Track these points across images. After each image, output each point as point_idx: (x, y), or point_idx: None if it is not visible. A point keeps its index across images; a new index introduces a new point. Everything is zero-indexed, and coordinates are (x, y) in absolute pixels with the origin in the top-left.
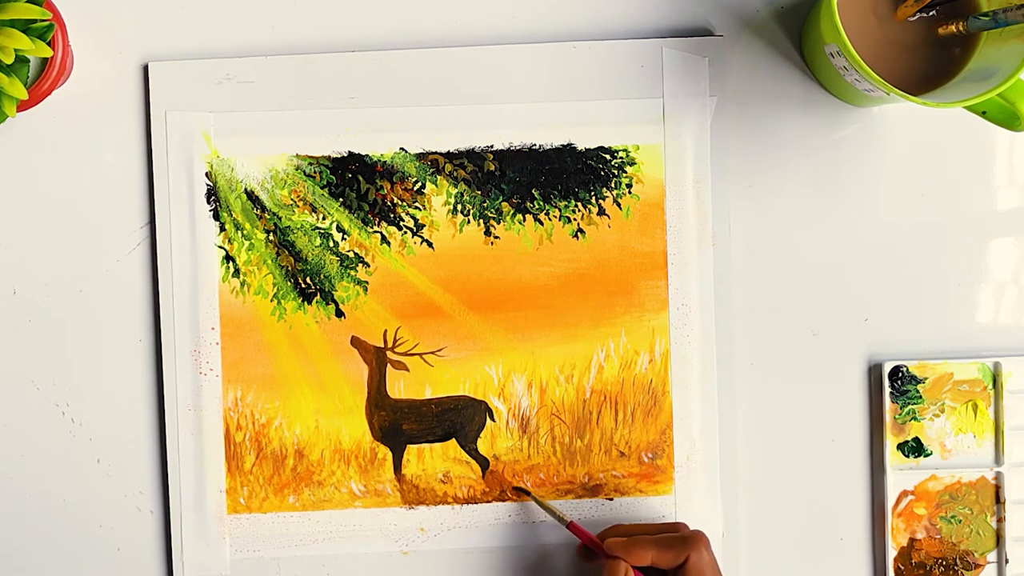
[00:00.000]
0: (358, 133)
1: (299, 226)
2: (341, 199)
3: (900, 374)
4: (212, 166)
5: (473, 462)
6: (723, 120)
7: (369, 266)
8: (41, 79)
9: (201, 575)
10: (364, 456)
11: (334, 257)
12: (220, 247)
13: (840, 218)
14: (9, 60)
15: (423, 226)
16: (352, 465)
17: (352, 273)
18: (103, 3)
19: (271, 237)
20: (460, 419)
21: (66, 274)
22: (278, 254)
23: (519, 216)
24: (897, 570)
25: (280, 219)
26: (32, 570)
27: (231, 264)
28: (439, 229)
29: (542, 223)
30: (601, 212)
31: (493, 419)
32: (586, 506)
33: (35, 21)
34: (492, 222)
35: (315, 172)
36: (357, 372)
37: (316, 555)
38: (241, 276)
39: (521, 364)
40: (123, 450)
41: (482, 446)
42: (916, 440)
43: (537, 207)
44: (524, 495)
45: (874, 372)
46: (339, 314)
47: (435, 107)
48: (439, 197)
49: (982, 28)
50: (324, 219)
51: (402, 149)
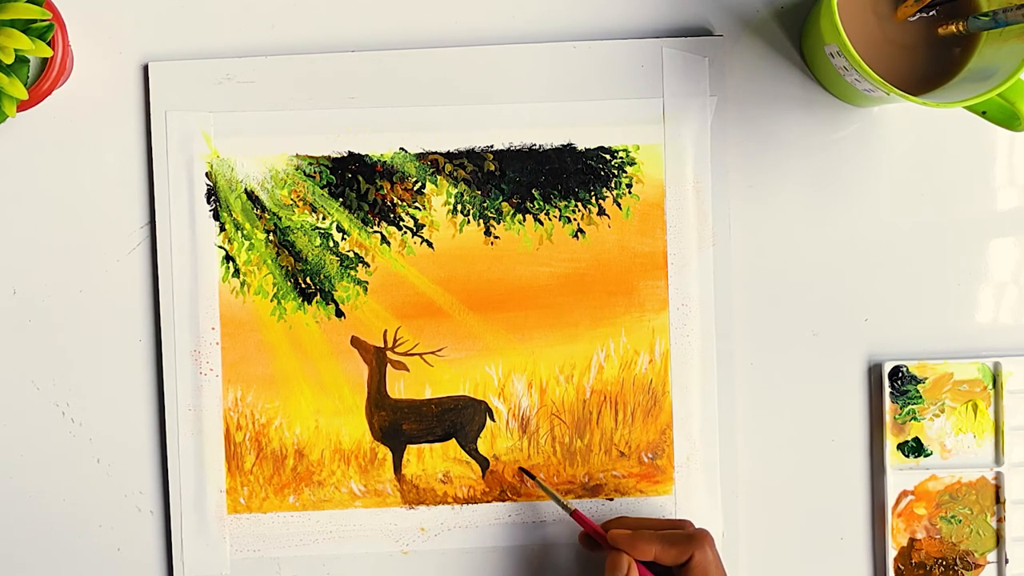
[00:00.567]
0: (358, 133)
1: (299, 226)
2: (341, 199)
3: (900, 374)
4: (212, 166)
5: (473, 462)
6: (723, 120)
7: (369, 266)
8: (41, 79)
9: (201, 575)
10: (364, 456)
11: (334, 257)
12: (220, 247)
13: (840, 218)
14: (9, 60)
15: (423, 226)
16: (352, 465)
17: (352, 273)
18: (103, 3)
19: (271, 237)
20: (460, 419)
21: (66, 274)
22: (278, 254)
23: (519, 216)
24: (897, 570)
25: (280, 219)
26: (32, 570)
27: (231, 264)
28: (439, 229)
29: (542, 223)
30: (601, 212)
31: (493, 419)
32: (586, 506)
33: (35, 21)
34: (492, 222)
35: (315, 172)
36: (357, 372)
37: (316, 555)
38: (241, 276)
39: (521, 364)
40: (123, 450)
41: (482, 446)
42: (916, 440)
43: (537, 207)
44: (528, 477)
45: (874, 372)
46: (339, 314)
47: (435, 107)
48: (439, 197)
49: (982, 28)
50: (324, 219)
51: (402, 149)
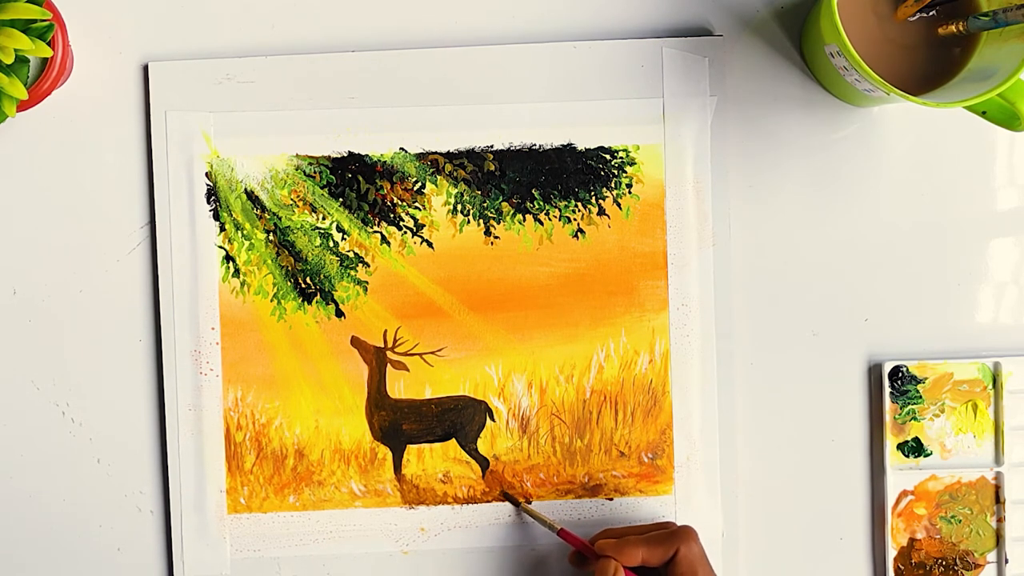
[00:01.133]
0: (358, 133)
1: (299, 226)
2: (341, 199)
3: (900, 374)
4: (212, 166)
5: (473, 462)
6: (723, 120)
7: (369, 266)
8: (41, 79)
9: (201, 575)
10: (364, 456)
11: (334, 257)
12: (220, 247)
13: (840, 218)
14: (9, 60)
15: (423, 226)
16: (352, 465)
17: (352, 273)
18: (103, 3)
19: (271, 237)
20: (460, 419)
21: (66, 274)
22: (278, 254)
23: (519, 216)
24: (897, 570)
25: (280, 219)
26: (32, 570)
27: (231, 264)
28: (439, 229)
29: (542, 223)
30: (601, 212)
31: (493, 419)
32: (586, 506)
33: (35, 21)
34: (492, 222)
35: (315, 172)
36: (357, 372)
37: (316, 555)
38: (241, 276)
39: (521, 364)
40: (123, 450)
41: (482, 446)
42: (916, 440)
43: (537, 207)
44: (512, 503)
45: (874, 372)
46: (339, 314)
47: (435, 107)
48: (439, 197)
49: (982, 28)
50: (324, 219)
51: (402, 149)
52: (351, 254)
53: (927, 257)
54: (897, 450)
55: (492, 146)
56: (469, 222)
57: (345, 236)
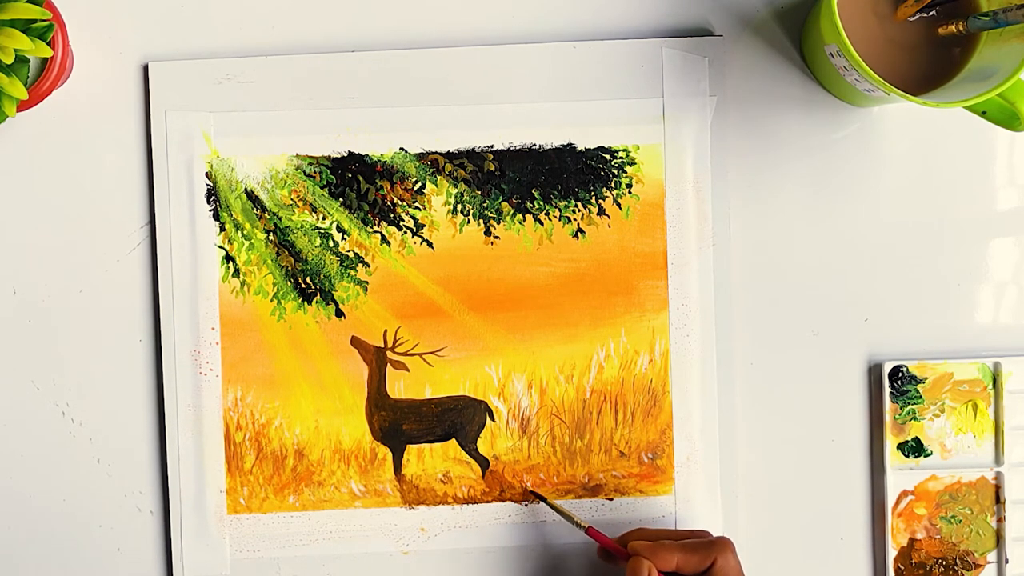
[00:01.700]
0: (358, 133)
1: (299, 226)
2: (341, 199)
3: (900, 374)
4: (212, 166)
5: (473, 462)
6: (723, 120)
7: (369, 266)
8: (41, 79)
9: (201, 575)
10: (364, 456)
11: (334, 257)
12: (220, 247)
13: (840, 218)
14: (9, 60)
15: (423, 226)
16: (352, 465)
17: (352, 273)
18: (103, 3)
19: (271, 237)
20: (460, 419)
21: (66, 274)
22: (278, 254)
23: (519, 216)
24: (897, 570)
25: (280, 219)
26: (32, 570)
27: (231, 264)
28: (439, 229)
29: (542, 223)
30: (601, 212)
31: (493, 419)
32: (586, 506)
33: (35, 21)
34: (492, 222)
35: (315, 172)
36: (357, 372)
37: (316, 555)
38: (241, 276)
39: (521, 364)
40: (123, 450)
41: (482, 446)
42: (916, 440)
43: (537, 207)
44: (539, 499)
45: (874, 372)
46: (339, 314)
47: (435, 107)
48: (439, 197)
49: (982, 28)
50: (324, 219)
51: (402, 149)
52: (351, 254)
53: (927, 257)
54: (897, 450)
55: (492, 146)
56: (469, 222)
57: (345, 236)
